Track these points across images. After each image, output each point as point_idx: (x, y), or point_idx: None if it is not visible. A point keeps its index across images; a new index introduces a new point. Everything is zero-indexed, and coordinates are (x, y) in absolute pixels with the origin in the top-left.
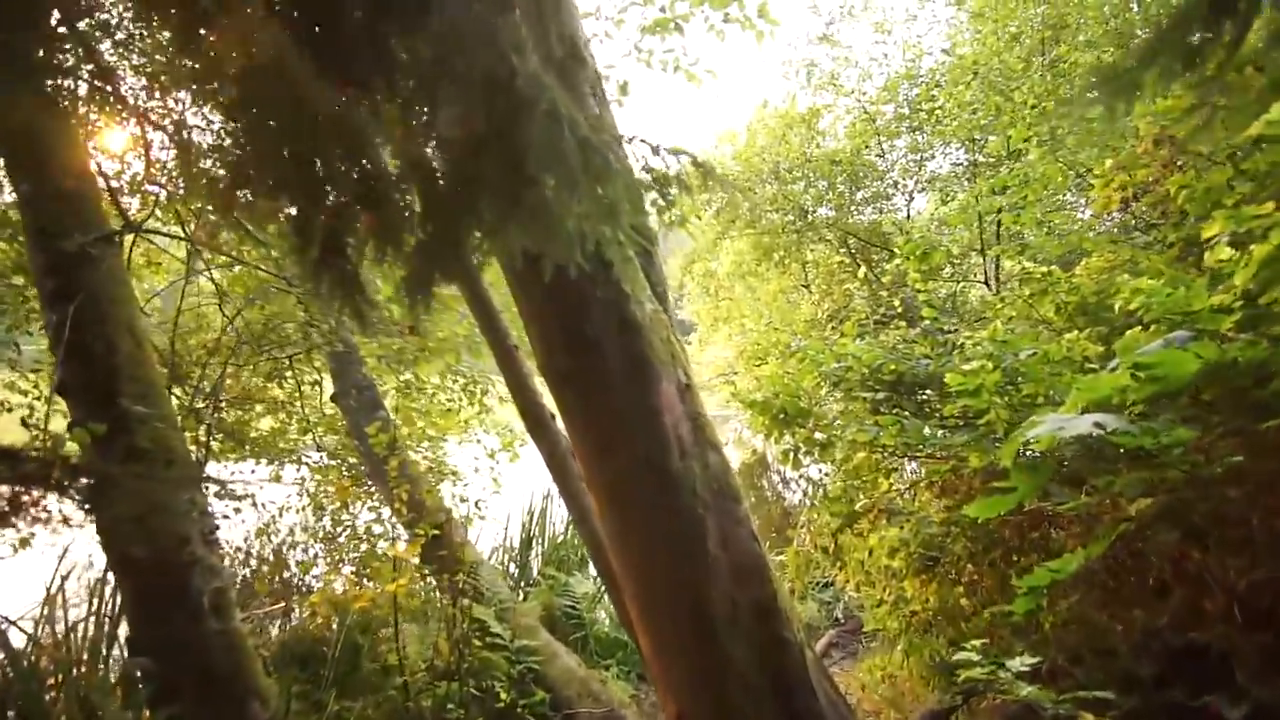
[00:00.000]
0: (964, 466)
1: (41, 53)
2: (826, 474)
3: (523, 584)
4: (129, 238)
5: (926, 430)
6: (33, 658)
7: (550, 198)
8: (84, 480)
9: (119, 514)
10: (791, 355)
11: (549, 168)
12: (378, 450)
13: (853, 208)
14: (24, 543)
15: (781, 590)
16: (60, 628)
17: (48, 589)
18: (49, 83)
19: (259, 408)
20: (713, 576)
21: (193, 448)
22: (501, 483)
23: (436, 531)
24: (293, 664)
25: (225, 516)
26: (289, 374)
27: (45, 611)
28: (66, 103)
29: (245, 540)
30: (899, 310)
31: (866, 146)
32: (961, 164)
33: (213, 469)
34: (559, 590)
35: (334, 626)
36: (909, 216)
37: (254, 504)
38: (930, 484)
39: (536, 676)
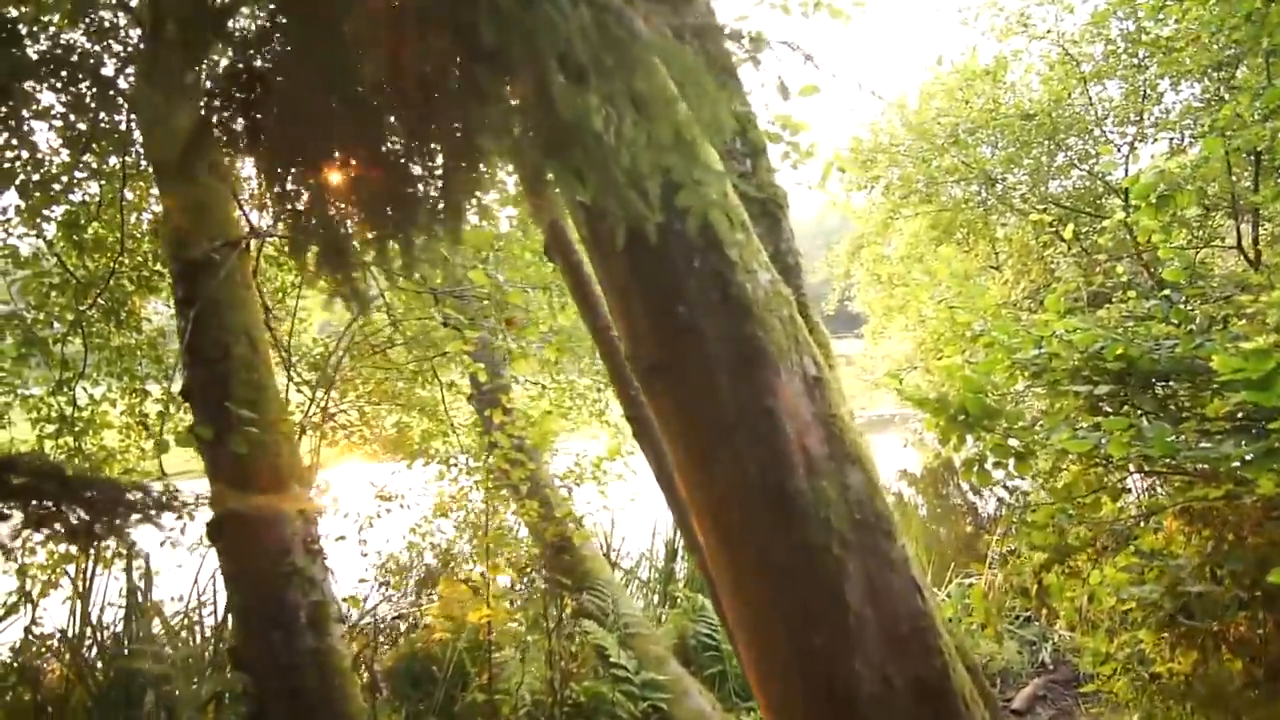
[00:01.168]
0: (1244, 491)
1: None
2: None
3: (663, 606)
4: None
5: (1176, 437)
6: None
7: (559, 95)
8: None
9: (221, 522)
10: (976, 341)
11: (530, 38)
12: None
13: (1053, 171)
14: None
15: (956, 664)
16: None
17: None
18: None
19: (393, 408)
20: (855, 643)
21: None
22: (610, 493)
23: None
24: (406, 682)
25: (378, 515)
26: (431, 376)
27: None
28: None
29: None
30: (1122, 280)
31: (1069, 95)
32: (1200, 103)
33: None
34: (695, 615)
35: (452, 644)
36: (1127, 174)
37: (403, 505)
38: (1182, 511)
39: (662, 716)
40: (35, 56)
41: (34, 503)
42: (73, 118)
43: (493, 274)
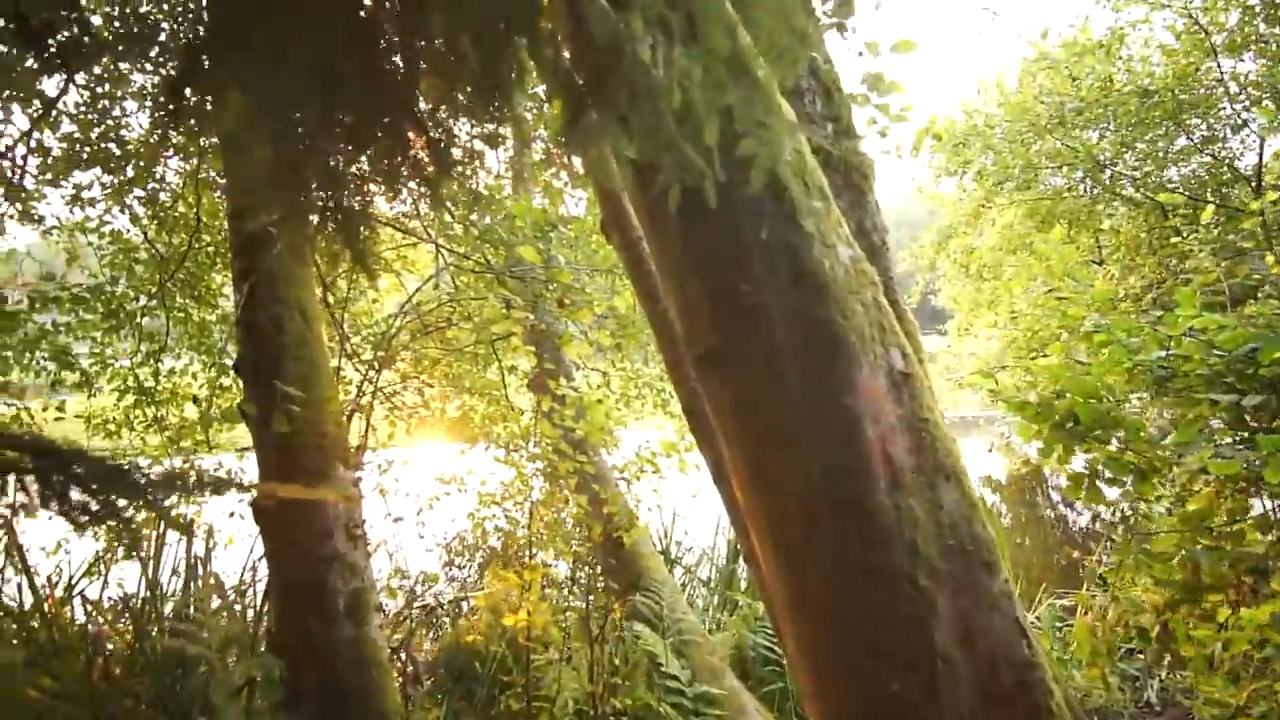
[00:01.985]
0: None
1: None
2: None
3: (722, 611)
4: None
5: None
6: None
7: (594, 16)
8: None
9: (262, 502)
10: (1089, 339)
11: None
12: (542, 452)
13: (1172, 156)
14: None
15: None
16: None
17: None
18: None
19: (453, 390)
20: (942, 695)
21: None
22: (672, 487)
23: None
24: (449, 675)
25: (437, 498)
26: (491, 358)
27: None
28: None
29: (451, 525)
30: (1273, 274)
31: (1196, 70)
32: None
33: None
34: (756, 624)
35: (495, 640)
36: (1262, 160)
37: (462, 489)
38: None
39: None
40: (120, 33)
41: (33, 479)
42: (161, 97)
43: (546, 251)
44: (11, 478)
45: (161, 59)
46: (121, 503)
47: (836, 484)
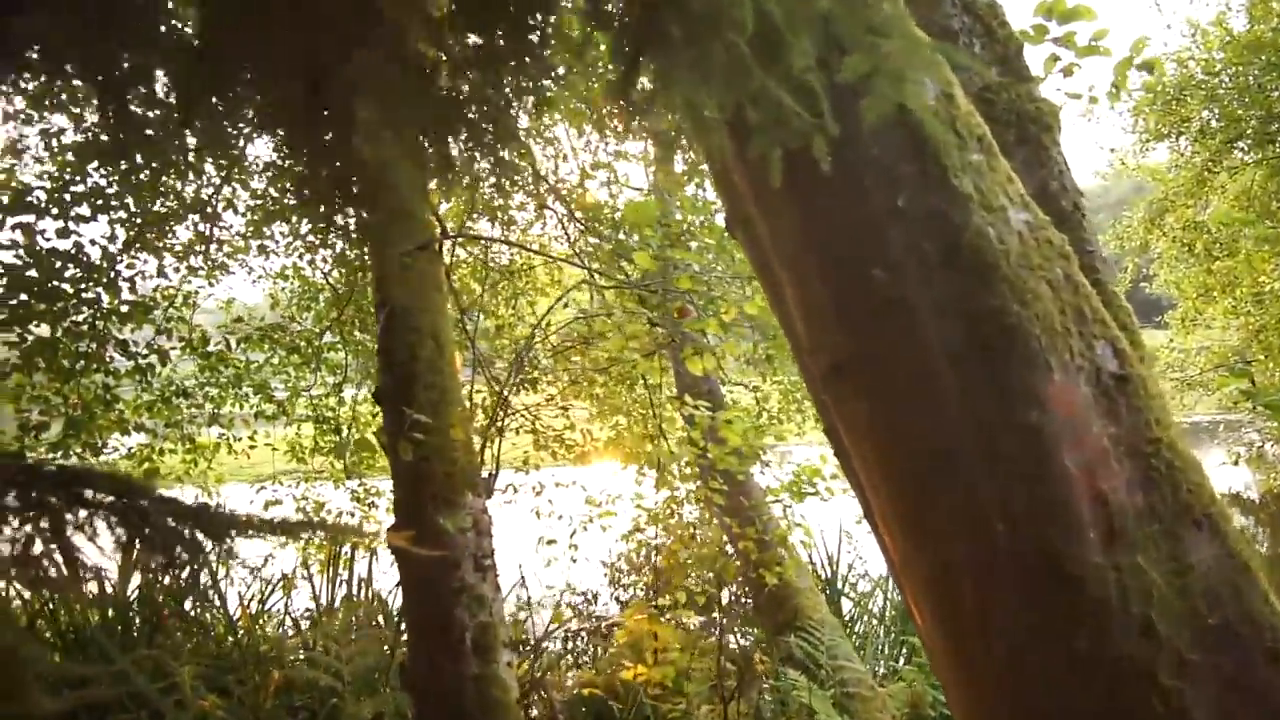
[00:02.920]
0: None
1: None
2: None
3: (897, 655)
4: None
5: None
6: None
7: None
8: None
9: (395, 531)
10: None
11: None
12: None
13: None
14: None
15: None
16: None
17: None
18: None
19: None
20: None
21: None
22: (839, 508)
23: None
24: (588, 717)
25: (588, 522)
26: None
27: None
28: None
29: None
30: None
31: None
32: None
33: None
34: (928, 679)
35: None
36: None
37: (608, 512)
38: None
39: None
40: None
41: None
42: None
43: (677, 262)
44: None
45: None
46: (200, 539)
47: (1022, 537)
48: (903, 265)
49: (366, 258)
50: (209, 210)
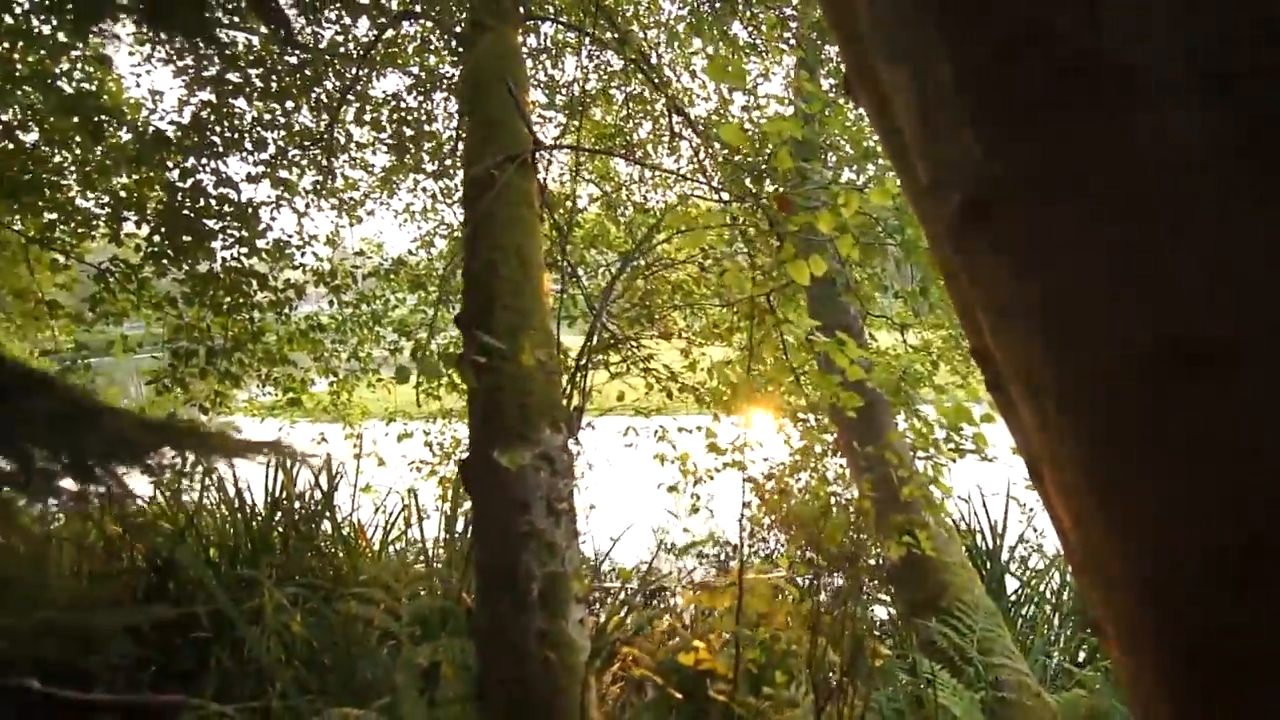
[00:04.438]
0: None
1: None
2: None
3: (1070, 652)
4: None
5: None
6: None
7: None
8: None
9: (466, 463)
10: None
11: None
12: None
13: None
14: None
15: None
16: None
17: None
18: None
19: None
20: None
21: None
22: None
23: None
24: (676, 686)
25: (715, 471)
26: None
27: None
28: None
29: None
30: None
31: None
32: None
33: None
34: (1114, 690)
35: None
36: None
37: (738, 463)
38: None
39: None
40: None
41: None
42: None
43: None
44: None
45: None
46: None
47: None
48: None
49: None
50: (326, 141)
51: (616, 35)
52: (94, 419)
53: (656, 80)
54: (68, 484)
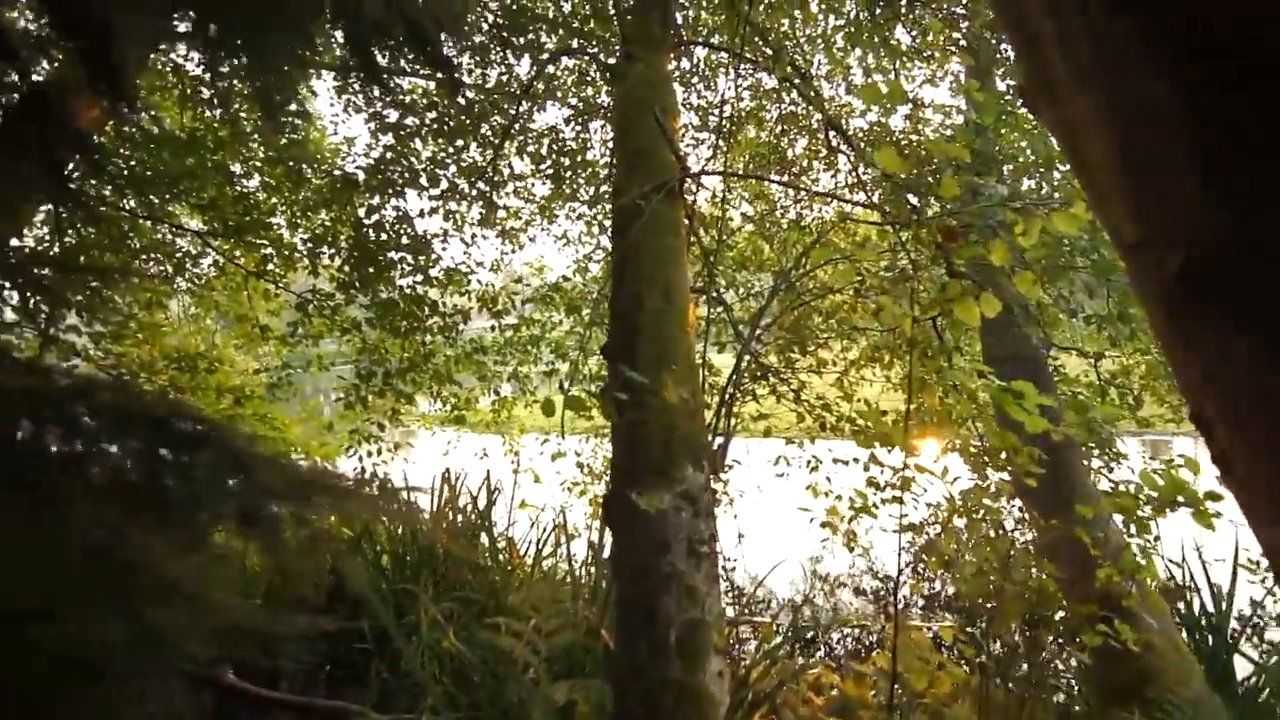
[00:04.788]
0: None
1: None
2: None
3: None
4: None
5: None
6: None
7: None
8: None
9: (608, 499)
10: None
11: None
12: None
13: None
14: None
15: None
16: None
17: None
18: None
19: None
20: None
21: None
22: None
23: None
24: None
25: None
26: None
27: None
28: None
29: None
30: None
31: None
32: None
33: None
34: None
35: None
36: None
37: (898, 499)
38: None
39: None
40: None
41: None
42: None
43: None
44: None
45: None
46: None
47: None
48: None
49: None
50: (489, 175)
51: (770, 53)
52: (251, 470)
53: (812, 95)
54: None
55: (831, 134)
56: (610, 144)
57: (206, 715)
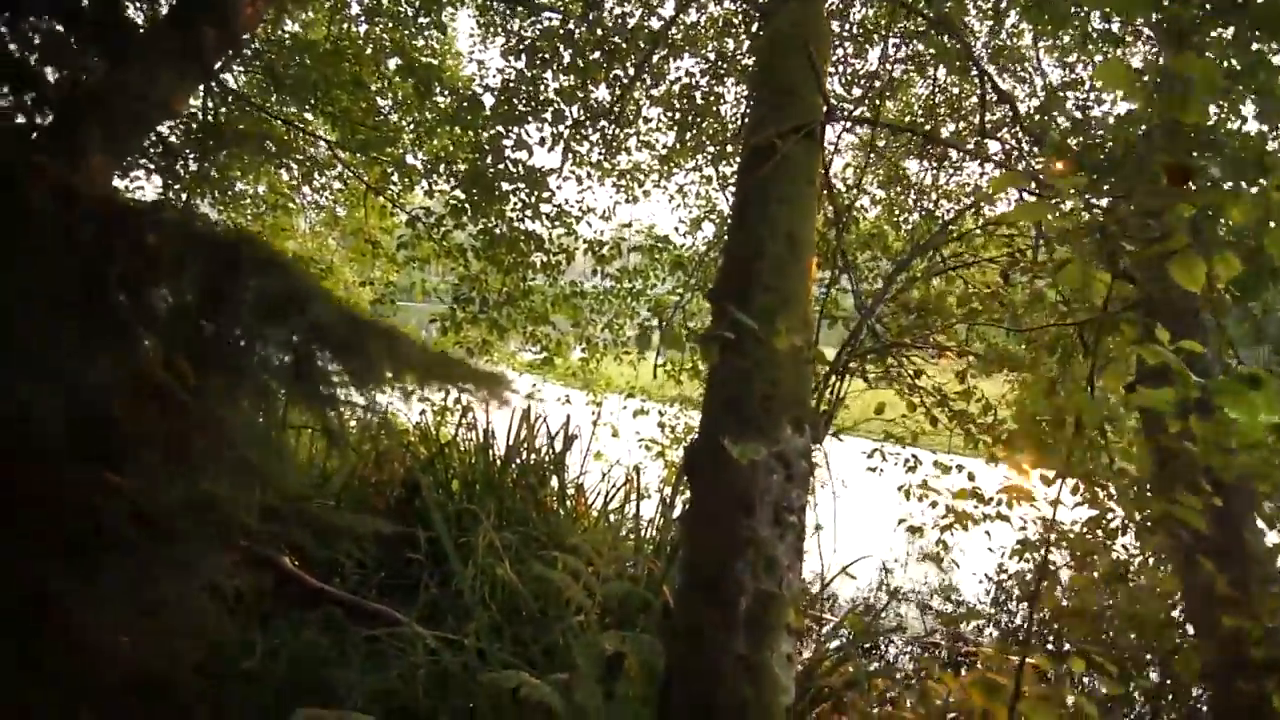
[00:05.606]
0: None
1: None
2: None
3: None
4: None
5: None
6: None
7: None
8: None
9: (693, 448)
10: None
11: None
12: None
13: None
14: None
15: None
16: None
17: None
18: None
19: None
20: None
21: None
22: None
23: None
24: None
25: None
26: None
27: None
28: None
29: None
30: None
31: None
32: None
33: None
34: None
35: None
36: None
37: (999, 514)
38: None
39: None
40: None
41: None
42: None
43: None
44: None
45: None
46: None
47: None
48: None
49: None
50: (616, 115)
51: (931, 16)
52: (305, 303)
53: (978, 69)
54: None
55: (1001, 108)
56: (742, 102)
57: (265, 594)
